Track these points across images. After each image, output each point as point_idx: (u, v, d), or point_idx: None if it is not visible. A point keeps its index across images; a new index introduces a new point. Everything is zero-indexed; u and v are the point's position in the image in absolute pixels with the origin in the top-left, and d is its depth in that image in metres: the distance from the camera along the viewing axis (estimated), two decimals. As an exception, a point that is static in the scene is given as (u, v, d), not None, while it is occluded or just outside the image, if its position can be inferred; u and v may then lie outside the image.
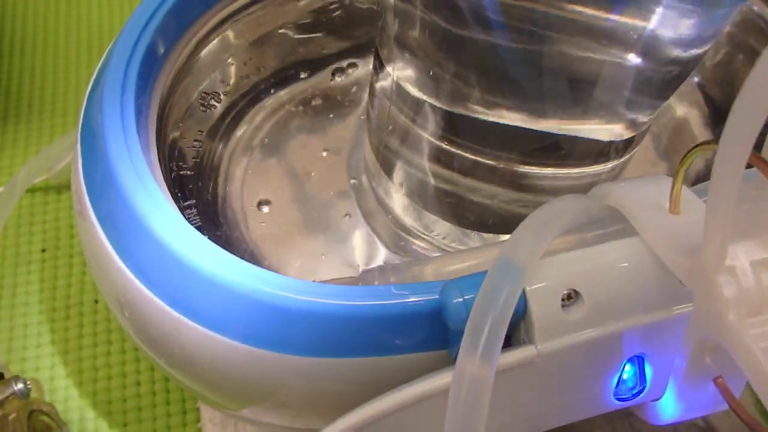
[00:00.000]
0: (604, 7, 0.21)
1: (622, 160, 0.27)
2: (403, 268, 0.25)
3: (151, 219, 0.24)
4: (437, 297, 0.21)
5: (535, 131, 0.25)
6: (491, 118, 0.25)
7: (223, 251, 0.23)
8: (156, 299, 0.23)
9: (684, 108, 0.35)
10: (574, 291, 0.19)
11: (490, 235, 0.29)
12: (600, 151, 0.26)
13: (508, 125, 0.25)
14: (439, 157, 0.28)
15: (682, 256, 0.19)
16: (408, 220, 0.31)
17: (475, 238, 0.30)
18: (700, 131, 0.35)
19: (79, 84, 0.43)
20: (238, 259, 0.23)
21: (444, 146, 0.27)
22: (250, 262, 0.23)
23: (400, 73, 0.27)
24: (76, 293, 0.35)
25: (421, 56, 0.26)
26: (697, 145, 0.18)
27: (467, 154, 0.27)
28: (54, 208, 0.38)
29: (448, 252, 0.30)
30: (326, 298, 0.22)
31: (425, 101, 0.26)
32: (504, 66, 0.24)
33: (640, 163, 0.34)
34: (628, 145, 0.26)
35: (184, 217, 0.24)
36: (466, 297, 0.20)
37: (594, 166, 0.26)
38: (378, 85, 0.29)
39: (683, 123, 0.35)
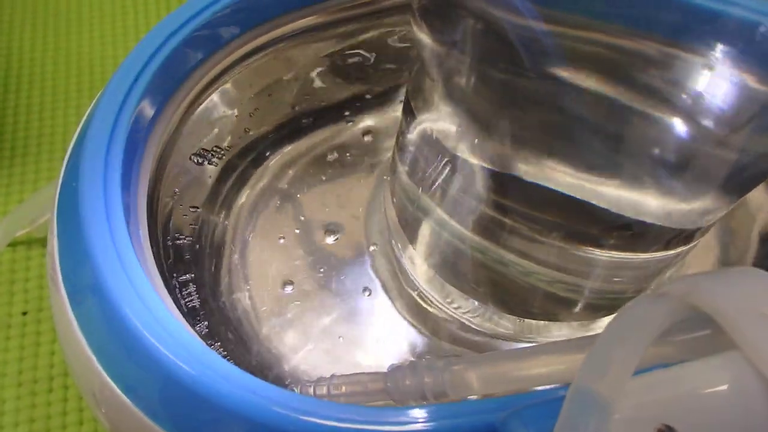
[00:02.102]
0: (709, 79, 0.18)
1: (692, 245, 0.23)
2: (441, 368, 0.21)
3: (129, 312, 0.20)
4: (489, 420, 0.18)
5: (602, 209, 0.21)
6: (549, 185, 0.21)
7: (214, 354, 0.20)
8: (133, 407, 0.20)
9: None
10: (667, 426, 0.16)
11: (532, 321, 0.26)
12: (676, 237, 0.22)
13: (566, 196, 0.21)
14: (480, 227, 0.24)
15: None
16: (434, 295, 0.28)
17: (511, 319, 0.27)
18: (757, 207, 0.31)
19: (68, 124, 0.40)
20: (230, 365, 0.20)
21: (488, 214, 0.24)
22: (254, 345, 0.19)
23: (438, 125, 0.24)
24: (59, 362, 0.32)
25: (467, 108, 0.22)
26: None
27: (515, 226, 0.23)
28: (37, 264, 0.35)
29: (494, 352, 0.27)
30: (346, 423, 0.18)
31: (468, 160, 0.23)
32: (574, 129, 0.20)
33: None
34: (703, 229, 0.23)
35: (177, 296, 0.21)
36: (533, 434, 0.16)
37: (664, 251, 0.23)
38: (408, 138, 0.26)
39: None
